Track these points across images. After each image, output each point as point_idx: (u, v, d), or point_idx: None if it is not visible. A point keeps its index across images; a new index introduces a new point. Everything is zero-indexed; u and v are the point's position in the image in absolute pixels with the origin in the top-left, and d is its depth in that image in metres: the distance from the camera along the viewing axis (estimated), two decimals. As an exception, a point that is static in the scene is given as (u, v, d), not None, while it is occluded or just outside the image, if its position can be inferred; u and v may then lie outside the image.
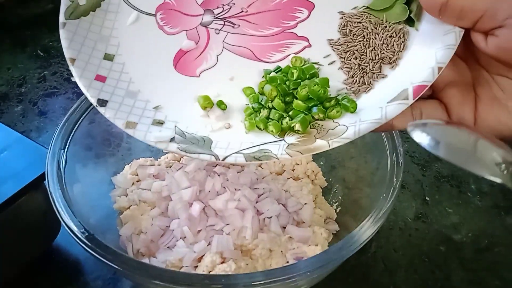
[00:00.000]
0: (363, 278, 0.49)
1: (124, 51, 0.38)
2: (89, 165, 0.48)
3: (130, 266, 0.35)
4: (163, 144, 0.34)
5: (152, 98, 0.37)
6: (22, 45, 0.79)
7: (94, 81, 0.36)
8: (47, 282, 0.48)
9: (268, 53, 0.38)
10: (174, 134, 0.34)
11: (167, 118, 0.36)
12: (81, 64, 0.36)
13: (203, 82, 0.38)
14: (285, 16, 0.39)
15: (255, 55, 0.39)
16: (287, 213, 0.47)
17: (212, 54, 0.39)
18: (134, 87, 0.37)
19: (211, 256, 0.42)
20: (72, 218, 0.38)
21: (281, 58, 0.38)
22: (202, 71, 0.38)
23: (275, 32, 0.39)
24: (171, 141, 0.34)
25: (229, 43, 0.39)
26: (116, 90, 0.36)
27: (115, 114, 0.35)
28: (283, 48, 0.38)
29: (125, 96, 0.36)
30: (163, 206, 0.47)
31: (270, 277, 0.34)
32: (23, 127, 0.65)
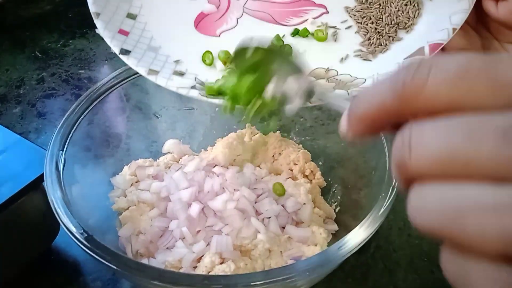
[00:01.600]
0: (362, 278, 0.49)
1: (147, 12, 0.41)
2: (88, 166, 0.48)
3: (129, 267, 0.35)
4: (184, 89, 0.35)
5: (173, 53, 0.39)
6: (20, 46, 0.79)
7: (117, 34, 0.38)
8: (46, 283, 0.48)
9: (287, 17, 0.41)
10: (194, 83, 0.36)
11: (187, 71, 0.38)
12: (105, 18, 0.38)
13: (223, 41, 0.40)
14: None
15: (274, 19, 0.42)
16: (286, 213, 0.47)
17: (232, 17, 0.42)
18: (156, 43, 0.39)
19: (210, 256, 0.42)
20: (71, 219, 0.38)
21: (299, 22, 0.41)
22: (222, 31, 0.41)
23: (292, 0, 0.42)
24: (192, 88, 0.35)
25: (249, 8, 0.42)
26: (138, 44, 0.38)
27: (138, 62, 0.36)
28: (301, 14, 0.41)
29: (147, 50, 0.38)
30: (162, 206, 0.47)
31: (269, 277, 0.34)
32: (22, 128, 0.65)
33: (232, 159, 0.53)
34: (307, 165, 0.52)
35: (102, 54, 0.77)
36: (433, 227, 0.16)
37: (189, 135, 0.57)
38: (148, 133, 0.56)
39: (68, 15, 0.86)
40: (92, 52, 0.77)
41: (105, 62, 0.76)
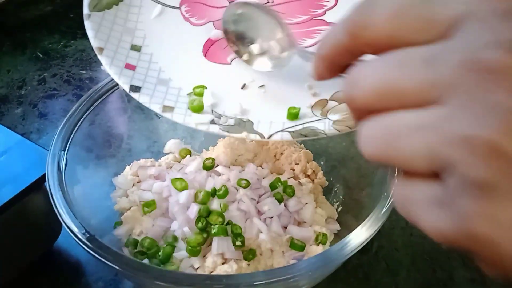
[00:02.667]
0: (364, 278, 0.49)
1: (151, 43, 0.39)
2: (89, 167, 0.48)
3: (131, 267, 0.35)
4: (204, 125, 0.34)
5: (184, 85, 0.37)
6: (22, 47, 0.79)
7: (124, 69, 0.36)
8: (48, 283, 0.48)
9: (299, 39, 0.39)
10: (213, 117, 0.35)
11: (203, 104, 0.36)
12: (109, 53, 0.37)
13: (235, 69, 0.38)
14: (312, 5, 0.40)
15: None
16: (288, 213, 0.47)
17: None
18: (165, 75, 0.37)
19: (213, 257, 0.42)
20: (73, 219, 0.38)
21: (312, 43, 0.39)
22: (233, 58, 0.39)
23: (303, 20, 0.40)
24: (211, 123, 0.34)
25: None
26: (147, 78, 0.37)
27: (151, 99, 0.35)
28: (314, 34, 0.40)
29: (157, 84, 0.36)
30: (164, 207, 0.47)
31: (271, 277, 0.34)
32: (23, 129, 0.65)
33: (234, 159, 0.53)
34: (309, 164, 0.52)
35: (103, 54, 0.77)
36: (377, 154, 0.18)
37: (191, 135, 0.57)
38: (150, 133, 0.56)
39: (69, 16, 0.86)
40: (93, 52, 0.77)
41: (107, 62, 0.76)
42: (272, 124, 0.34)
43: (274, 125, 0.33)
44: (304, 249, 0.44)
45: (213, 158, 0.50)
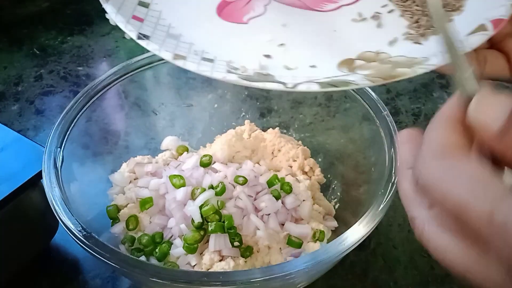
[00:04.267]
0: (362, 274, 0.49)
1: (159, 1, 0.37)
2: (86, 164, 0.48)
3: (128, 264, 0.35)
4: (220, 74, 0.31)
5: (197, 41, 0.35)
6: (18, 43, 0.79)
7: (131, 19, 0.34)
8: (45, 281, 0.48)
9: (321, 3, 0.38)
10: (229, 68, 0.32)
11: (217, 58, 0.33)
12: (115, 3, 0.35)
13: (252, 28, 0.37)
14: None
15: (306, 4, 0.39)
16: (286, 210, 0.47)
17: (259, 4, 0.39)
18: (175, 31, 0.35)
19: (210, 254, 0.42)
20: (70, 216, 0.38)
21: (334, 8, 0.38)
22: (250, 18, 0.38)
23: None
24: (228, 72, 0.31)
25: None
26: (156, 31, 0.34)
27: (160, 47, 0.32)
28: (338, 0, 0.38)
29: (166, 37, 0.34)
30: (161, 204, 0.47)
31: (269, 274, 0.34)
32: (20, 126, 0.65)
33: (231, 156, 0.53)
34: (306, 161, 0.52)
35: (100, 51, 0.77)
36: None
37: (188, 132, 0.57)
38: (147, 130, 0.56)
39: (66, 12, 0.86)
40: (90, 49, 0.77)
41: (103, 59, 0.76)
42: (297, 77, 0.31)
43: (298, 78, 0.31)
44: (301, 246, 0.44)
45: (210, 155, 0.50)
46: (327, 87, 0.30)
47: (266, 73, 0.32)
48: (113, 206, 0.47)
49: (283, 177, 0.49)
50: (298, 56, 0.34)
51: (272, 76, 0.31)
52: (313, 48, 0.35)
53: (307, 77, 0.31)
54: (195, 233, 0.42)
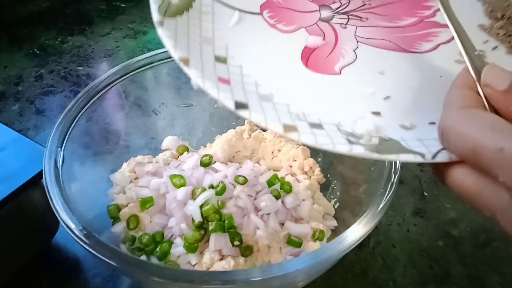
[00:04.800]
0: (361, 273, 0.49)
1: (236, 53, 0.33)
2: (86, 163, 0.48)
3: (129, 264, 0.35)
4: (344, 147, 0.27)
5: (293, 101, 0.30)
6: (18, 43, 0.79)
7: (219, 83, 0.29)
8: (46, 280, 0.48)
9: (415, 43, 0.35)
10: (343, 135, 0.28)
11: (322, 121, 0.29)
12: (196, 64, 0.30)
13: (348, 79, 0.33)
14: (417, 6, 0.37)
15: (399, 46, 0.35)
16: (285, 209, 0.47)
17: (347, 49, 0.35)
18: (264, 90, 0.31)
19: (210, 253, 0.42)
20: (70, 216, 0.38)
21: (431, 47, 0.35)
22: (342, 67, 0.34)
23: (413, 22, 0.36)
24: (351, 143, 0.28)
25: (363, 37, 0.36)
26: (247, 93, 0.30)
27: (266, 118, 0.28)
28: (430, 37, 0.35)
29: (260, 100, 0.30)
30: (161, 203, 0.47)
31: (268, 273, 0.34)
32: (21, 125, 0.65)
33: (231, 156, 0.53)
34: (306, 161, 0.52)
35: (101, 50, 0.77)
36: None
37: (188, 132, 0.57)
38: (147, 129, 0.56)
39: (66, 12, 0.86)
40: (90, 48, 0.77)
41: (104, 58, 0.76)
42: (424, 141, 0.28)
43: (427, 142, 0.27)
44: (301, 245, 0.44)
45: (211, 154, 0.50)
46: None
47: (387, 138, 0.28)
48: (114, 205, 0.47)
49: (283, 177, 0.49)
50: (411, 111, 0.31)
51: (396, 142, 0.28)
52: (424, 99, 0.31)
53: (436, 140, 0.27)
54: (196, 232, 0.43)
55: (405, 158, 0.27)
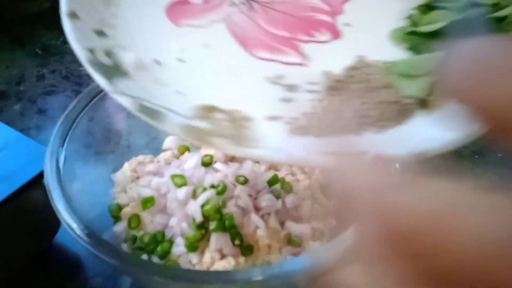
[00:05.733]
0: (362, 273, 0.49)
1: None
2: (88, 163, 0.48)
3: (130, 263, 0.35)
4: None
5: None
6: (20, 43, 0.79)
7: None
8: (47, 279, 0.48)
9: (259, 49, 0.36)
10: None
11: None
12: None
13: (179, 33, 0.36)
14: (303, 29, 0.37)
15: (246, 43, 0.36)
16: (286, 209, 0.47)
17: (208, 18, 0.37)
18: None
19: (211, 252, 0.42)
20: (71, 215, 0.38)
21: (265, 58, 0.35)
22: (187, 24, 0.37)
23: (282, 36, 0.37)
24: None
25: (234, 20, 0.37)
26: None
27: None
28: (276, 54, 0.36)
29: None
30: (162, 203, 0.47)
31: (269, 273, 0.34)
32: (22, 125, 0.65)
33: (232, 156, 0.53)
34: (307, 161, 0.52)
35: (102, 50, 0.77)
36: None
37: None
38: (149, 129, 0.56)
39: (68, 12, 0.86)
40: (92, 48, 0.77)
41: (105, 58, 0.76)
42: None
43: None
44: (301, 245, 0.45)
45: (211, 154, 0.50)
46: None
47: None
48: (115, 205, 0.47)
49: (283, 177, 0.50)
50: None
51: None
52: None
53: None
54: (196, 232, 0.43)
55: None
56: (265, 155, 0.27)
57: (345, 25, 0.38)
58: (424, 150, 0.27)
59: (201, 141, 0.28)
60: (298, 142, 0.29)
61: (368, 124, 0.30)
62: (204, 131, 0.28)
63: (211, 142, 0.27)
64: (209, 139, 0.27)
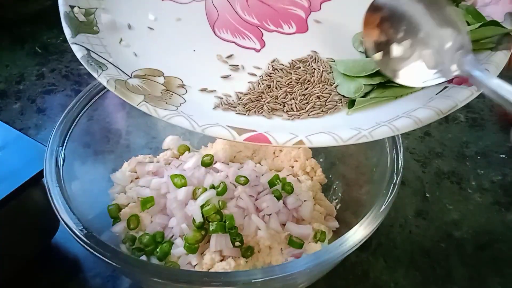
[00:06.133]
0: (363, 275, 0.49)
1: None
2: (87, 162, 0.48)
3: (129, 264, 0.35)
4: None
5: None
6: (20, 42, 0.79)
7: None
8: (46, 279, 0.48)
9: (225, 30, 0.39)
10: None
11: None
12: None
13: (160, 5, 0.40)
14: (275, 19, 0.40)
15: (214, 22, 0.39)
16: (287, 210, 0.46)
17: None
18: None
19: (211, 254, 0.42)
20: (71, 215, 0.38)
21: (226, 39, 0.38)
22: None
23: (251, 22, 0.40)
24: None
25: (214, 1, 0.41)
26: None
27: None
28: (237, 37, 0.39)
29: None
30: (162, 203, 0.47)
31: (270, 275, 0.34)
32: (22, 124, 0.65)
33: (232, 156, 0.53)
34: (308, 162, 0.52)
35: (102, 50, 0.77)
36: None
37: (189, 132, 0.57)
38: (148, 129, 0.55)
39: (68, 11, 0.85)
40: (92, 48, 0.77)
41: (105, 58, 0.76)
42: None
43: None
44: (302, 246, 0.44)
45: (212, 154, 0.50)
46: None
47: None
48: (114, 205, 0.47)
49: (284, 177, 0.49)
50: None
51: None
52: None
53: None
54: (196, 233, 0.42)
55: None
56: (177, 121, 0.31)
57: (315, 22, 0.40)
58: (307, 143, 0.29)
59: (123, 96, 0.31)
60: (217, 115, 0.33)
61: (279, 111, 0.33)
62: (131, 87, 0.32)
63: (131, 98, 0.31)
64: (131, 95, 0.31)
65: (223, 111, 0.33)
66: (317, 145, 0.29)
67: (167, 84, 0.34)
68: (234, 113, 0.33)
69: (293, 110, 0.33)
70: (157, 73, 0.35)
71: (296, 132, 0.30)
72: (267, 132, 0.30)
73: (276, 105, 0.33)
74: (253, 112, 0.33)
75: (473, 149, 0.62)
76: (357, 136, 0.29)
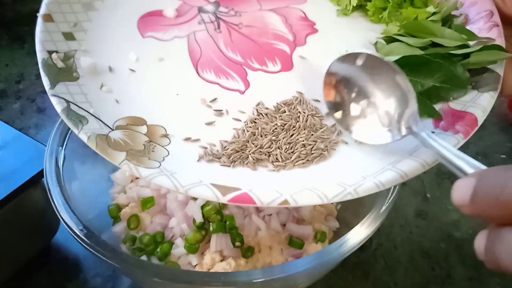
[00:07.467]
0: (363, 275, 0.49)
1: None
2: (87, 162, 0.48)
3: (129, 264, 0.35)
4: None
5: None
6: (20, 41, 0.79)
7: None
8: (46, 279, 0.48)
9: (209, 69, 0.38)
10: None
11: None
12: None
13: (141, 44, 0.39)
14: (259, 56, 0.39)
15: (198, 61, 0.39)
16: (287, 210, 0.46)
17: (174, 33, 0.40)
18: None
19: (211, 254, 0.42)
20: (71, 215, 0.38)
21: (210, 80, 0.37)
22: (151, 36, 0.40)
23: (235, 60, 0.39)
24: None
25: (196, 38, 0.40)
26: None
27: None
28: (221, 77, 0.38)
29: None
30: (162, 203, 0.47)
31: (270, 275, 0.34)
32: (22, 124, 0.65)
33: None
34: (308, 162, 0.52)
35: (102, 49, 0.77)
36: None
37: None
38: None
39: (68, 10, 0.85)
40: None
41: (105, 57, 0.76)
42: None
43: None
44: (303, 246, 0.44)
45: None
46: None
47: None
48: (115, 205, 0.47)
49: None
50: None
51: None
52: None
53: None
54: (196, 233, 0.42)
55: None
56: (160, 181, 0.29)
57: (300, 58, 0.39)
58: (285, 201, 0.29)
59: (105, 154, 0.31)
60: (202, 168, 0.32)
61: (264, 161, 0.33)
62: (112, 143, 0.31)
63: (112, 156, 0.30)
64: (112, 153, 0.30)
65: (208, 162, 0.32)
66: (302, 204, 0.29)
67: (150, 134, 0.33)
68: (219, 164, 0.32)
69: (278, 161, 0.32)
70: (140, 121, 0.34)
71: (281, 188, 0.29)
72: (252, 191, 0.29)
73: (261, 155, 0.33)
74: (238, 163, 0.32)
75: (474, 149, 0.62)
76: (343, 193, 0.30)
